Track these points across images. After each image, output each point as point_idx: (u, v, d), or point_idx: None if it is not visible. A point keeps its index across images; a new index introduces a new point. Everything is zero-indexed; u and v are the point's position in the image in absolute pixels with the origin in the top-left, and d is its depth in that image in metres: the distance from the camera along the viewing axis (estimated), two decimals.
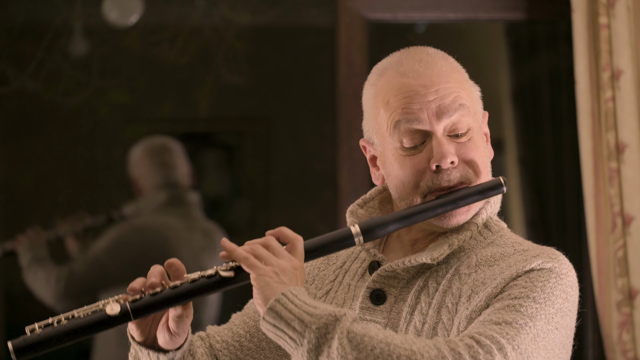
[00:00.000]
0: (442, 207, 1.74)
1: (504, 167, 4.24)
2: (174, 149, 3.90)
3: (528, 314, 1.64)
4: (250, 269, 1.64)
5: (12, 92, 4.48)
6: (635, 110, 3.09)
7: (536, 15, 3.45)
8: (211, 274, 1.68)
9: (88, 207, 4.63)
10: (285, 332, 1.60)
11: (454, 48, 2.06)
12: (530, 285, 1.67)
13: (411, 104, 1.74)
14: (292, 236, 1.71)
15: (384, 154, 1.79)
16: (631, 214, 3.08)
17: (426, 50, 1.84)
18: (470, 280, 1.73)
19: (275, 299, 1.60)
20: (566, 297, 1.70)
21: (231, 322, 1.91)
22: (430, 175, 1.74)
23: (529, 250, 1.74)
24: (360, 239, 1.73)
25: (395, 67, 1.79)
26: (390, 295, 1.77)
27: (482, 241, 1.80)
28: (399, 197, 1.78)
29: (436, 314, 1.72)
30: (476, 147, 1.77)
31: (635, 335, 3.10)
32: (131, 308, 1.66)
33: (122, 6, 4.21)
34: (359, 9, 3.42)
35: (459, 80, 1.81)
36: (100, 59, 4.41)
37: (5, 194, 4.66)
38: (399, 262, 1.76)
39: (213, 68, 4.43)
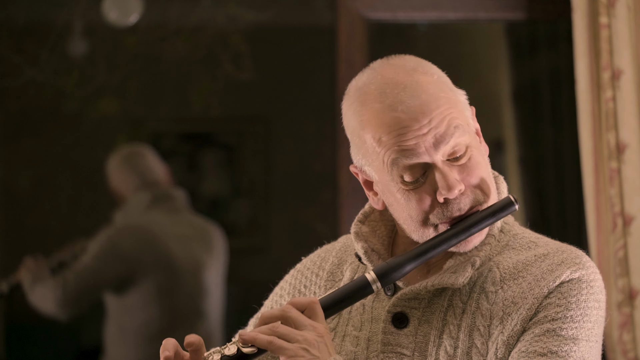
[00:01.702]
0: (456, 237, 1.68)
1: (504, 167, 4.24)
2: (144, 152, 3.90)
3: (570, 336, 1.62)
4: (278, 352, 1.58)
5: (12, 93, 4.48)
6: (636, 110, 3.09)
7: (536, 15, 3.45)
8: (234, 353, 1.61)
9: (88, 207, 4.63)
10: None
11: (454, 48, 2.05)
12: (565, 302, 1.64)
13: (406, 141, 1.66)
14: (306, 301, 1.63)
15: (383, 185, 1.72)
16: (631, 214, 3.08)
17: (405, 69, 1.70)
18: (499, 299, 1.68)
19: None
20: (599, 305, 1.68)
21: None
22: (439, 207, 1.68)
23: (549, 255, 1.71)
24: (378, 285, 1.66)
25: (379, 98, 1.68)
26: (413, 318, 1.71)
27: (496, 245, 1.75)
28: (409, 230, 1.72)
29: (467, 337, 1.67)
30: (478, 165, 1.71)
31: (636, 335, 3.10)
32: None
33: (122, 6, 4.21)
34: (359, 9, 3.42)
35: (447, 98, 1.70)
36: (101, 58, 4.41)
37: (5, 194, 4.66)
38: (420, 286, 1.71)
39: (213, 69, 4.43)
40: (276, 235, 5.01)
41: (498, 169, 1.80)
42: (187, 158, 4.91)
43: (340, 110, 1.80)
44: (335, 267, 1.85)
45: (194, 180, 4.93)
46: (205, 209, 4.56)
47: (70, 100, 4.53)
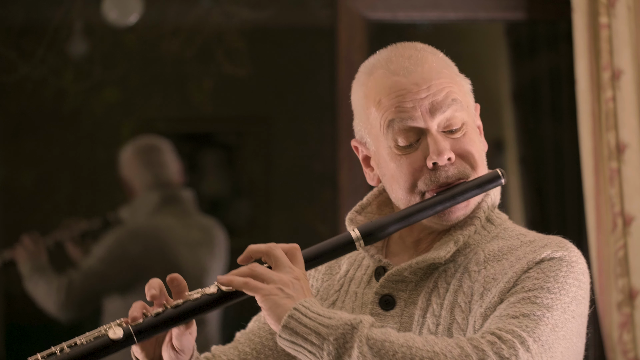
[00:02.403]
0: (441, 204, 1.72)
1: (504, 167, 4.23)
2: (162, 147, 3.88)
3: (544, 304, 1.63)
4: (253, 292, 1.62)
5: (12, 92, 4.48)
6: (636, 110, 3.09)
7: (536, 15, 3.45)
8: (213, 292, 1.66)
9: (88, 207, 4.63)
10: (303, 347, 1.58)
11: (454, 48, 2.06)
12: (543, 276, 1.66)
13: (404, 103, 1.72)
14: (288, 246, 1.67)
15: (378, 154, 1.77)
16: (632, 214, 3.08)
17: (414, 46, 1.80)
18: (481, 277, 1.71)
19: (289, 315, 1.58)
20: (579, 284, 1.69)
21: (236, 340, 1.88)
22: (428, 173, 1.72)
23: (535, 241, 1.73)
24: (361, 242, 1.70)
25: (385, 65, 1.77)
26: (400, 300, 1.74)
27: (486, 235, 1.78)
28: (397, 197, 1.76)
29: (449, 314, 1.70)
30: (471, 141, 1.75)
31: (636, 335, 3.10)
32: (134, 331, 1.64)
33: (122, 6, 4.21)
34: (359, 9, 3.42)
35: (450, 75, 1.78)
36: (100, 57, 4.41)
37: (5, 194, 4.66)
38: (405, 264, 1.74)
39: (213, 68, 4.43)
40: (276, 235, 5.01)
41: (498, 168, 1.80)
42: (187, 158, 4.91)
43: (341, 111, 1.82)
44: (334, 261, 1.87)
45: (194, 180, 4.93)
46: (205, 209, 4.55)
47: (70, 100, 4.52)
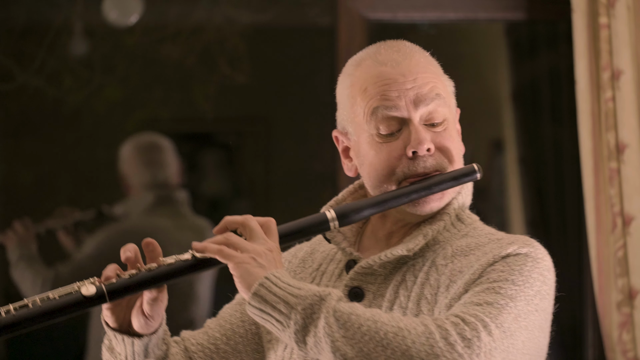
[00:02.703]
0: (416, 192, 1.75)
1: (504, 167, 4.24)
2: (163, 146, 3.87)
3: (508, 295, 1.66)
4: (226, 260, 1.65)
5: (13, 92, 4.48)
6: (636, 110, 3.09)
7: (536, 15, 3.45)
8: (187, 258, 1.68)
9: (88, 207, 4.63)
10: (271, 315, 1.61)
11: (454, 48, 2.07)
12: (508, 269, 1.69)
13: (389, 91, 1.76)
14: (264, 219, 1.71)
15: (358, 143, 1.80)
16: (631, 214, 3.08)
17: (403, 43, 1.84)
18: (448, 270, 1.74)
19: (259, 283, 1.61)
20: (544, 280, 1.73)
21: (206, 326, 1.91)
22: (406, 161, 1.76)
23: (503, 239, 1.76)
24: (336, 223, 1.74)
25: (373, 56, 1.81)
26: (369, 292, 1.77)
27: (456, 234, 1.81)
28: (373, 185, 1.79)
29: (416, 306, 1.73)
30: (451, 137, 1.80)
31: (636, 335, 3.10)
32: (107, 289, 1.66)
33: (122, 6, 4.21)
34: (359, 9, 3.42)
35: (436, 73, 1.81)
36: (100, 58, 4.41)
37: (5, 194, 4.66)
38: (375, 257, 1.77)
39: (213, 68, 4.43)
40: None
41: (498, 168, 1.82)
42: (187, 158, 4.91)
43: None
44: (308, 255, 1.92)
45: (194, 180, 4.93)
46: (205, 209, 4.55)
47: (70, 100, 4.52)
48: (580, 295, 3.54)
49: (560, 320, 4.16)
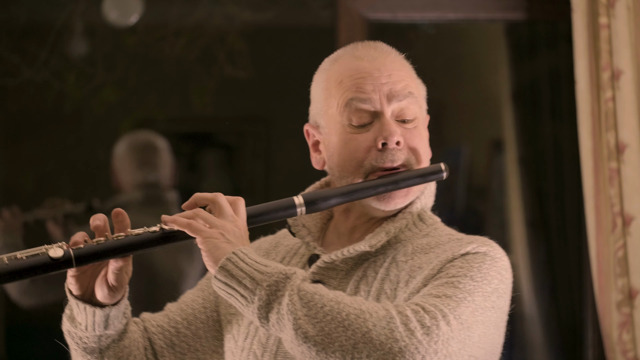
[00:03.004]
0: (383, 186, 1.79)
1: (504, 167, 4.25)
2: (158, 147, 3.85)
3: (467, 289, 1.70)
4: (195, 234, 1.68)
5: (13, 93, 4.48)
6: (635, 110, 3.09)
7: (536, 15, 3.45)
8: (155, 230, 1.70)
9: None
10: (236, 290, 1.64)
11: (454, 48, 2.08)
12: (467, 265, 1.73)
13: (365, 85, 1.81)
14: (233, 198, 1.74)
15: (329, 135, 1.85)
16: (631, 214, 3.08)
17: (380, 43, 1.89)
18: (407, 266, 1.78)
19: (227, 257, 1.64)
20: (501, 278, 1.76)
21: (167, 309, 1.95)
22: (375, 153, 1.80)
23: (463, 239, 1.81)
24: (303, 209, 1.78)
25: (351, 52, 1.87)
26: (330, 287, 1.80)
27: (417, 233, 1.85)
28: (341, 176, 1.83)
29: (375, 300, 1.76)
30: (421, 136, 1.84)
31: (636, 335, 3.10)
32: (74, 254, 1.67)
33: (122, 6, 4.21)
34: (359, 9, 3.42)
35: (410, 74, 1.87)
36: (101, 58, 4.41)
37: (6, 195, 4.66)
38: (337, 252, 1.81)
39: (214, 69, 4.43)
40: None
41: (498, 168, 1.83)
42: (187, 158, 4.91)
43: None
44: (272, 247, 1.96)
45: (194, 180, 4.93)
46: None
47: (71, 100, 4.53)
48: (580, 295, 3.54)
49: (560, 320, 4.17)
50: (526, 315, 4.13)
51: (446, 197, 4.37)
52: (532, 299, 4.07)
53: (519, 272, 4.14)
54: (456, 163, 4.39)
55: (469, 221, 4.39)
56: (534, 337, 4.08)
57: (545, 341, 4.02)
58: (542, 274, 3.99)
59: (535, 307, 4.05)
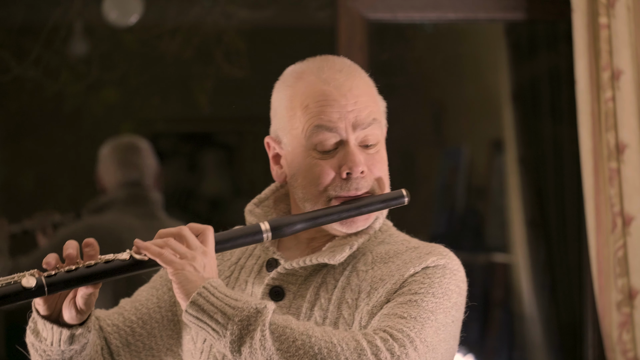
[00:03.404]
0: (347, 212, 1.84)
1: (504, 167, 4.25)
2: (140, 147, 3.85)
3: (429, 308, 1.76)
4: (166, 265, 1.71)
5: (12, 93, 4.48)
6: (635, 110, 3.09)
7: (536, 15, 3.45)
8: (125, 258, 1.74)
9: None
10: (208, 324, 1.67)
11: (454, 48, 2.08)
12: (429, 281, 1.79)
13: (331, 113, 1.83)
14: (201, 227, 1.77)
15: (293, 154, 1.88)
16: (631, 214, 3.08)
17: (344, 61, 1.91)
18: (368, 276, 1.83)
19: (197, 292, 1.68)
20: (459, 291, 1.83)
21: (121, 307, 1.97)
22: (339, 181, 1.84)
23: (419, 248, 1.86)
24: (269, 235, 1.81)
25: (316, 72, 1.87)
26: (289, 292, 1.85)
27: (373, 240, 1.90)
28: (304, 198, 1.87)
29: (337, 309, 1.81)
30: (382, 160, 1.88)
31: (635, 335, 3.10)
32: (46, 282, 1.70)
33: (122, 7, 4.21)
34: (359, 9, 3.42)
35: (373, 95, 1.89)
36: (99, 58, 4.41)
37: (5, 195, 4.66)
38: (299, 261, 1.85)
39: (213, 68, 4.43)
40: None
41: (498, 168, 1.84)
42: (187, 158, 4.91)
43: None
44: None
45: (194, 180, 4.93)
46: (205, 209, 4.55)
47: (70, 100, 4.52)
48: (580, 295, 3.54)
49: (560, 320, 4.17)
50: (526, 315, 4.13)
51: (446, 197, 4.37)
52: (532, 299, 4.07)
53: (519, 272, 4.14)
54: (456, 163, 4.39)
55: (469, 221, 4.39)
56: (534, 337, 4.08)
57: (545, 341, 4.02)
58: (542, 274, 3.99)
59: (535, 307, 4.05)
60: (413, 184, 4.43)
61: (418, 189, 4.45)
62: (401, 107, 4.43)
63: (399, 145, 4.52)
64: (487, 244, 4.38)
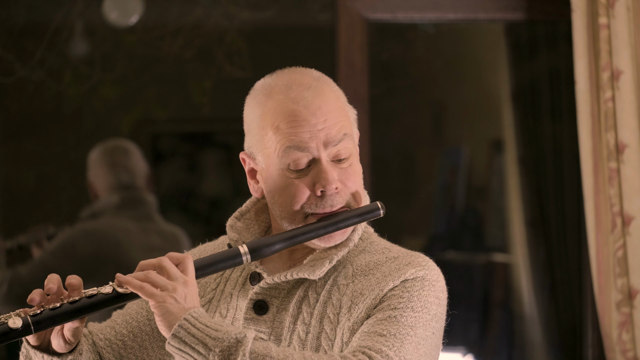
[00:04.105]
0: (324, 229, 1.86)
1: (504, 167, 4.25)
2: (129, 150, 3.83)
3: (409, 324, 1.78)
4: (147, 298, 1.74)
5: (13, 93, 4.48)
6: (635, 110, 3.10)
7: (536, 15, 3.45)
8: (108, 292, 1.77)
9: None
10: (190, 355, 1.71)
11: (454, 48, 2.08)
12: (407, 295, 1.81)
13: (302, 133, 1.85)
14: (181, 256, 1.80)
15: (267, 171, 1.90)
16: (631, 214, 3.08)
17: (312, 75, 1.93)
18: (349, 291, 1.85)
19: (179, 324, 1.71)
20: (439, 302, 1.84)
21: (113, 320, 2.01)
22: (314, 199, 1.86)
23: (399, 258, 1.88)
24: (248, 257, 1.84)
25: (285, 91, 1.88)
26: (273, 306, 1.88)
27: (354, 250, 1.92)
28: (281, 216, 1.89)
29: (319, 324, 1.84)
30: (356, 173, 1.90)
31: (635, 335, 3.10)
32: (32, 322, 1.75)
33: (122, 7, 4.21)
34: (359, 9, 3.42)
35: (342, 108, 1.91)
36: (100, 58, 4.41)
37: (7, 194, 4.66)
38: (281, 276, 1.88)
39: (213, 68, 4.43)
40: None
41: (498, 168, 1.84)
42: (187, 158, 4.91)
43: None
44: None
45: (194, 180, 4.94)
46: (205, 209, 4.56)
47: (70, 100, 4.53)
48: (580, 295, 3.55)
49: (560, 320, 4.18)
50: (526, 315, 4.13)
51: (446, 197, 4.37)
52: (532, 299, 4.07)
53: (519, 272, 4.15)
54: (456, 163, 4.39)
55: (469, 221, 4.39)
56: (534, 337, 4.08)
57: (545, 341, 4.02)
58: (542, 274, 3.99)
59: (535, 307, 4.05)
60: (413, 184, 4.43)
61: (418, 189, 4.45)
62: (401, 107, 4.44)
63: (399, 145, 4.53)
64: (487, 244, 4.38)
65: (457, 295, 4.17)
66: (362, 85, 3.39)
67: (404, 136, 4.48)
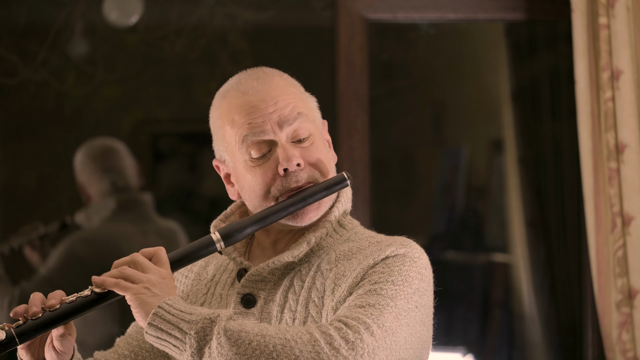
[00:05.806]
0: (293, 205, 1.88)
1: (504, 167, 4.25)
2: (118, 150, 3.81)
3: (389, 295, 1.78)
4: (123, 292, 1.78)
5: (14, 93, 4.49)
6: (635, 110, 3.10)
7: (536, 16, 3.45)
8: (87, 294, 1.81)
9: None
10: (167, 341, 1.74)
11: (454, 48, 2.08)
12: (388, 270, 1.82)
13: (255, 119, 1.90)
14: (153, 249, 1.85)
15: (236, 169, 1.94)
16: (631, 214, 3.08)
17: (262, 70, 1.99)
18: (332, 274, 1.87)
19: (153, 312, 1.74)
20: (421, 277, 1.85)
21: (116, 345, 2.05)
22: (280, 179, 1.90)
23: (382, 241, 1.90)
24: (222, 244, 1.87)
25: (235, 87, 1.96)
26: (260, 298, 1.91)
27: (338, 239, 1.95)
28: (254, 206, 1.94)
29: (304, 309, 1.87)
30: (319, 150, 1.93)
31: (635, 335, 3.10)
32: (16, 333, 1.79)
33: (123, 7, 4.21)
34: (359, 9, 3.42)
35: (295, 93, 1.96)
36: (101, 58, 4.41)
37: (6, 194, 4.66)
38: (263, 265, 1.91)
39: (214, 68, 4.44)
40: None
41: (498, 168, 1.84)
42: (187, 158, 4.91)
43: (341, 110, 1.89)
44: (202, 268, 2.08)
45: (194, 180, 4.94)
46: (205, 209, 4.56)
47: (71, 100, 4.53)
48: (580, 295, 3.55)
49: (560, 320, 4.17)
50: (526, 315, 4.13)
51: (446, 197, 4.38)
52: (532, 299, 4.07)
53: (519, 272, 4.15)
54: (456, 163, 4.39)
55: (469, 221, 4.39)
56: (534, 337, 4.08)
57: (545, 341, 4.02)
58: (542, 274, 3.99)
59: (535, 307, 4.05)
60: (413, 184, 4.43)
61: (418, 189, 4.45)
62: (401, 107, 4.45)
63: (399, 145, 4.53)
64: (487, 244, 4.38)
65: (457, 295, 4.17)
66: (362, 85, 3.39)
67: (404, 136, 4.48)
